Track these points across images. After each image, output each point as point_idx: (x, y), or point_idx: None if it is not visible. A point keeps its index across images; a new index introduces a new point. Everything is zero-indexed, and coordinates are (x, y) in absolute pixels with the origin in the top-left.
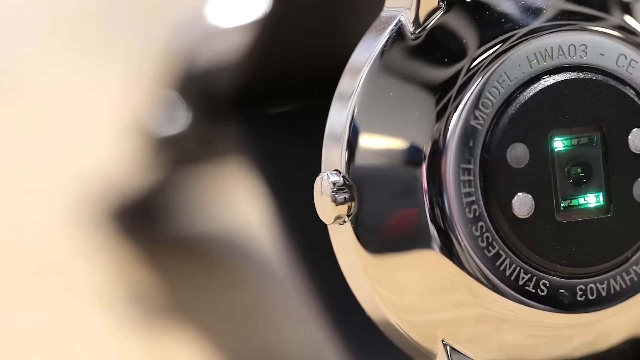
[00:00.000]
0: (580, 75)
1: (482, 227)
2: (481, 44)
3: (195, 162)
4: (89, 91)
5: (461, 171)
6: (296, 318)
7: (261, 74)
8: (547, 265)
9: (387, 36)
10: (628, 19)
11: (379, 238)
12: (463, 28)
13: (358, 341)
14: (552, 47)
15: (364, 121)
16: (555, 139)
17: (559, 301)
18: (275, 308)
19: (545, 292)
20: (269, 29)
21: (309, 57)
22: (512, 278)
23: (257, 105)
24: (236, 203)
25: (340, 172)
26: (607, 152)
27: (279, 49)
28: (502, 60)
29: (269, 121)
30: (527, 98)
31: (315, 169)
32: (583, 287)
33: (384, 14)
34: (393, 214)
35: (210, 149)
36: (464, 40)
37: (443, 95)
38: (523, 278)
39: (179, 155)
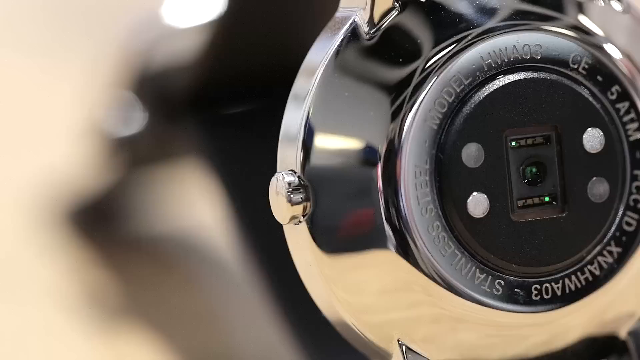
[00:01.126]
0: (535, 75)
1: (437, 226)
2: (436, 44)
3: (151, 163)
4: (45, 92)
5: (416, 171)
6: (252, 319)
7: (217, 75)
8: (503, 265)
9: (342, 36)
10: (582, 18)
11: (334, 238)
12: (418, 28)
13: (314, 342)
14: (506, 47)
15: (319, 121)
16: (510, 139)
17: (514, 301)
18: (232, 309)
19: (500, 292)
20: (224, 30)
21: (264, 58)
22: (468, 278)
23: (213, 105)
24: (192, 204)
25: (295, 172)
26: (562, 151)
27: (235, 50)
28: (456, 60)
29: (225, 122)
30: (481, 98)
31: (271, 169)
32: (538, 286)
33: (339, 14)
34: (348, 214)
35: (167, 150)
36: (419, 41)
37: (398, 95)
38: (478, 278)
39: (136, 156)
